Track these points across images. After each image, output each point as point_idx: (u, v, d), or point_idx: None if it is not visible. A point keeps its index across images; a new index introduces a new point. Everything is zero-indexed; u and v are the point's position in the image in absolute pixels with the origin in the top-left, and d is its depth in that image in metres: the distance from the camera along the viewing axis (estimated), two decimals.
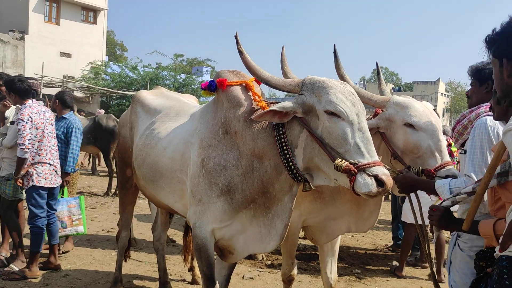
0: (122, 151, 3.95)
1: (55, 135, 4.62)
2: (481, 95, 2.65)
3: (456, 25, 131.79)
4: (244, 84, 2.87)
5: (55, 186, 4.58)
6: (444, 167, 2.70)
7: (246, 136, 2.69)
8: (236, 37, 2.64)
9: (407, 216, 5.14)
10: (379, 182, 2.18)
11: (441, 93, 61.20)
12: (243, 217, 2.82)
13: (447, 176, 2.62)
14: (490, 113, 2.39)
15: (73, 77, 26.08)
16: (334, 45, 3.11)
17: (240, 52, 2.64)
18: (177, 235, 6.51)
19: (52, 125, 4.55)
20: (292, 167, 2.50)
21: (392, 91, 61.85)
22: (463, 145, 2.55)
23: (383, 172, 2.21)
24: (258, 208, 2.75)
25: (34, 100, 4.48)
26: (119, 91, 22.11)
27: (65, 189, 5.07)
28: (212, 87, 2.93)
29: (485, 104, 2.49)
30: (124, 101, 23.69)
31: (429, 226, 5.98)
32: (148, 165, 3.33)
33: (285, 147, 2.51)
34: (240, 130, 2.72)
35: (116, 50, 55.53)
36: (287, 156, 2.50)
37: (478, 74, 2.61)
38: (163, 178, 3.21)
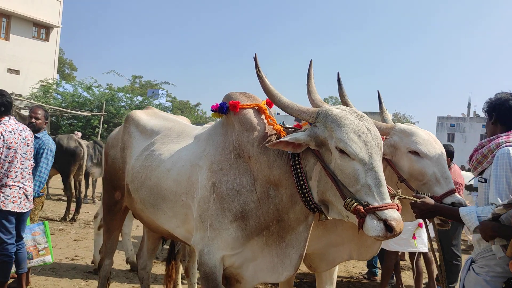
0: (111, 173, 3.74)
1: (31, 156, 4.30)
2: (490, 127, 2.74)
3: (402, 56, 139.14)
4: (256, 107, 2.83)
5: (24, 211, 4.20)
6: (450, 194, 2.77)
7: (261, 162, 2.63)
8: (255, 59, 2.59)
9: (387, 244, 5.18)
10: (388, 227, 2.15)
11: None
12: (255, 245, 2.72)
13: (453, 204, 2.68)
14: (511, 142, 2.47)
15: (21, 95, 24.86)
16: (338, 73, 3.16)
17: (259, 76, 2.60)
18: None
19: (28, 146, 4.22)
20: (308, 198, 2.45)
21: None
22: (481, 173, 2.61)
23: (392, 217, 2.16)
24: (271, 236, 2.67)
25: (12, 117, 4.17)
26: (72, 111, 21.33)
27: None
28: (224, 110, 2.86)
29: (504, 134, 2.57)
30: (76, 121, 22.79)
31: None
32: (148, 188, 3.17)
33: (300, 178, 2.47)
34: (255, 155, 2.66)
35: (64, 69, 53.80)
36: (303, 187, 2.46)
37: (486, 107, 2.71)
38: (165, 202, 3.06)
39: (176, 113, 24.69)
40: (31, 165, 4.29)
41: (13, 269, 4.30)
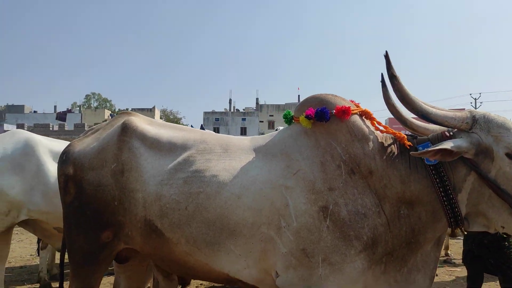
0: (94, 206, 2.60)
1: None
2: None
3: (171, 56, 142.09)
4: (359, 112, 2.45)
5: None
6: None
7: (390, 177, 2.29)
8: (386, 57, 2.21)
9: None
10: None
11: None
12: (370, 275, 2.35)
13: None
14: None
15: None
16: (382, 74, 2.97)
17: (394, 77, 2.23)
18: None
19: None
20: (457, 213, 2.24)
21: (110, 117, 61.28)
22: None
23: None
24: (393, 261, 2.35)
25: None
26: None
27: None
28: (327, 116, 2.36)
29: None
30: None
31: None
32: (204, 223, 2.37)
33: (449, 191, 2.23)
34: (379, 170, 2.30)
35: None
36: (452, 202, 2.23)
37: None
38: (234, 238, 2.35)
39: None
40: None
41: None
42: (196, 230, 2.39)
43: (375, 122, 2.46)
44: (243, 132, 58.78)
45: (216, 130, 59.56)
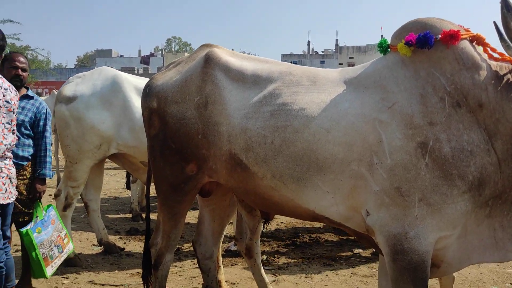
0: (178, 140, 2.60)
1: (15, 128, 2.95)
2: None
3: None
4: (469, 38, 2.15)
5: (9, 201, 2.89)
6: None
7: (504, 111, 2.04)
8: None
9: None
10: None
11: None
12: (472, 218, 2.15)
13: None
14: None
15: None
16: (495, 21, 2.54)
17: None
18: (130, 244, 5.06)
19: (14, 113, 2.90)
20: None
21: None
22: None
23: None
24: (500, 205, 2.13)
25: None
26: None
27: (39, 206, 3.30)
28: (431, 41, 2.10)
29: None
30: None
31: None
32: (290, 157, 2.28)
33: None
34: (492, 103, 2.04)
35: None
36: None
37: None
38: (322, 173, 2.24)
39: None
40: (15, 139, 2.97)
41: None
42: (282, 165, 2.30)
43: (488, 49, 2.15)
44: None
45: None
